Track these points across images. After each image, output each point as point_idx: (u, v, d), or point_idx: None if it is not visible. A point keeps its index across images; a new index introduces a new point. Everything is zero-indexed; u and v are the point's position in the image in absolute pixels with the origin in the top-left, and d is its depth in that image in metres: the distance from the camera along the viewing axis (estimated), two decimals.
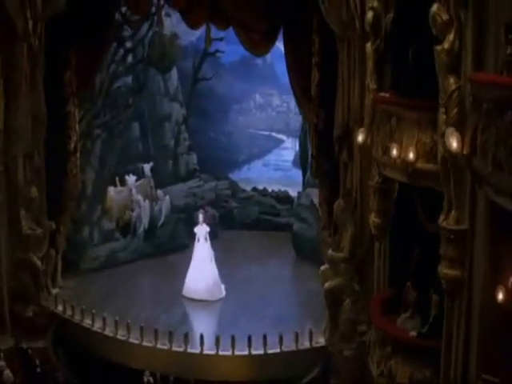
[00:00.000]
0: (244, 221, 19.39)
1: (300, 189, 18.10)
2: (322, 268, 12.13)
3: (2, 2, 12.10)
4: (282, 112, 20.24)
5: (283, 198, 19.53)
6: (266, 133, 20.66)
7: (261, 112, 20.55)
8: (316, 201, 14.41)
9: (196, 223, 15.37)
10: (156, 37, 17.07)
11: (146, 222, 17.35)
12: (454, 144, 6.57)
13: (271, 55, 16.03)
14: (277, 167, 20.54)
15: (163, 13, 16.09)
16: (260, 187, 20.08)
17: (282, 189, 19.72)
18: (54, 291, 14.26)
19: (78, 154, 14.43)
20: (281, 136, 20.56)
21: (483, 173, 5.94)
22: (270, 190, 19.93)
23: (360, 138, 9.81)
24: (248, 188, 20.12)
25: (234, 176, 20.46)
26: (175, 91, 18.82)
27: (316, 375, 12.29)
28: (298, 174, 18.73)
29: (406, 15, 9.49)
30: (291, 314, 13.80)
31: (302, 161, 18.33)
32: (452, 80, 7.54)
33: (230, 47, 18.19)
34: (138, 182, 17.58)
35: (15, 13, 12.31)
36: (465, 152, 6.25)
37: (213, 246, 15.40)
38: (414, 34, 8.90)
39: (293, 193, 18.93)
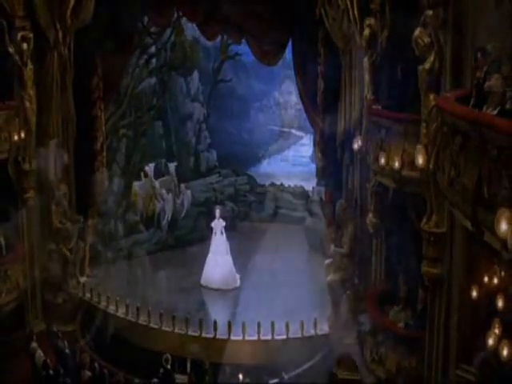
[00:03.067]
0: (261, 214, 19.78)
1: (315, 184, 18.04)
2: (326, 262, 12.54)
3: (36, 16, 12.76)
4: (301, 109, 19.59)
5: (299, 193, 19.74)
6: (285, 129, 20.78)
7: (280, 110, 20.73)
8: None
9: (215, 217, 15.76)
10: (178, 43, 17.45)
11: (169, 214, 17.77)
12: (420, 160, 7.34)
13: (289, 55, 15.83)
14: (295, 162, 20.70)
15: (184, 19, 16.55)
16: (278, 182, 20.26)
17: (299, 184, 19.80)
18: (82, 280, 14.72)
19: (104, 153, 14.79)
20: (299, 133, 20.62)
21: (442, 187, 6.64)
22: (286, 185, 20.09)
23: (356, 145, 10.57)
24: (266, 182, 20.31)
25: (254, 170, 20.60)
26: (196, 92, 19.08)
27: (319, 360, 12.76)
28: (315, 169, 18.89)
29: (400, 33, 10.22)
30: (300, 303, 13.95)
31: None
32: (432, 97, 8.29)
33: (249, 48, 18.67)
34: (163, 178, 17.95)
35: (47, 26, 13.03)
36: (430, 167, 7.01)
37: (230, 237, 15.77)
38: (405, 51, 9.66)
39: (309, 187, 18.98)
